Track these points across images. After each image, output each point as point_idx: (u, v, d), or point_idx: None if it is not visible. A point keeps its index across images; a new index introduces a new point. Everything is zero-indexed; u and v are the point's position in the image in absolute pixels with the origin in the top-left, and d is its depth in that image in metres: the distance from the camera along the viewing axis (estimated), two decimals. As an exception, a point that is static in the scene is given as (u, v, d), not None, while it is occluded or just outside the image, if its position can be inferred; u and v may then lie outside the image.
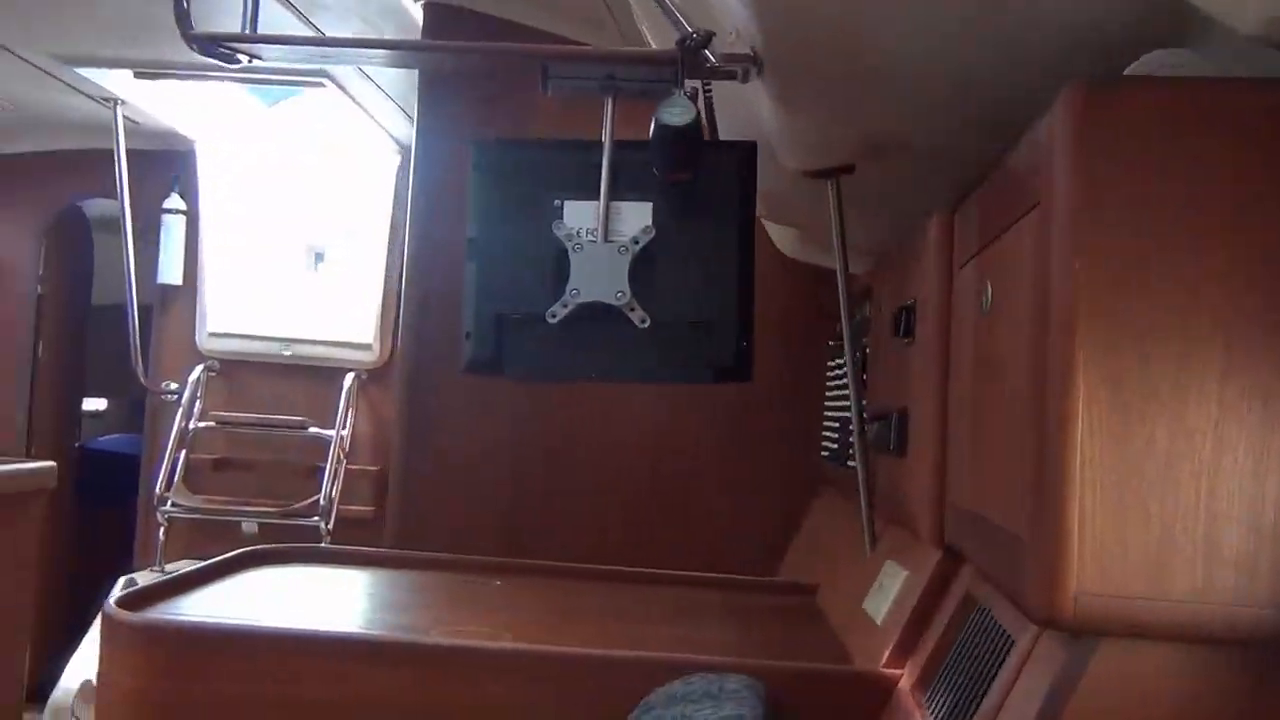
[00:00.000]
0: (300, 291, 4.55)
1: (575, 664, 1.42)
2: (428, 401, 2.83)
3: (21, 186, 4.67)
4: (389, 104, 3.88)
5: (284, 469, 4.52)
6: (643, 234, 1.56)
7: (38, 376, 4.78)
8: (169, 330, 4.65)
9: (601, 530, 2.76)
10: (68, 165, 4.69)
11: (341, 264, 4.58)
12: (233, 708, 1.51)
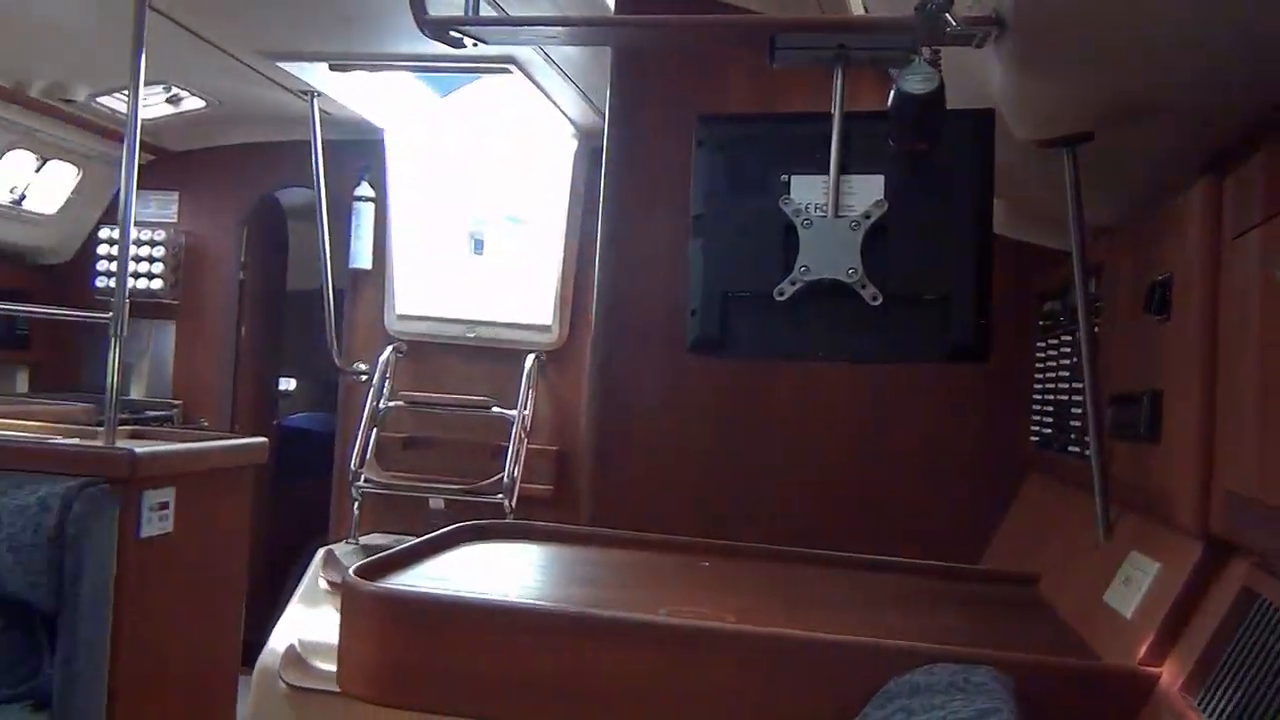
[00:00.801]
0: (481, 274, 4.66)
1: (813, 649, 1.39)
2: (621, 383, 2.84)
3: (226, 177, 4.94)
4: (570, 89, 3.92)
5: (468, 447, 4.65)
6: (874, 208, 1.51)
7: (240, 358, 5.05)
8: (359, 313, 4.84)
9: (795, 514, 2.71)
10: (267, 156, 4.93)
11: (521, 246, 4.66)
12: (465, 678, 1.55)
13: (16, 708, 2.50)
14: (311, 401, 6.76)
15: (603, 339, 2.89)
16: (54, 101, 4.15)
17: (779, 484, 2.72)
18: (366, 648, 1.60)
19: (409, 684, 1.58)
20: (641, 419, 2.83)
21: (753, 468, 2.73)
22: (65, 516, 2.53)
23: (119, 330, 2.80)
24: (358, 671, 1.62)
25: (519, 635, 1.51)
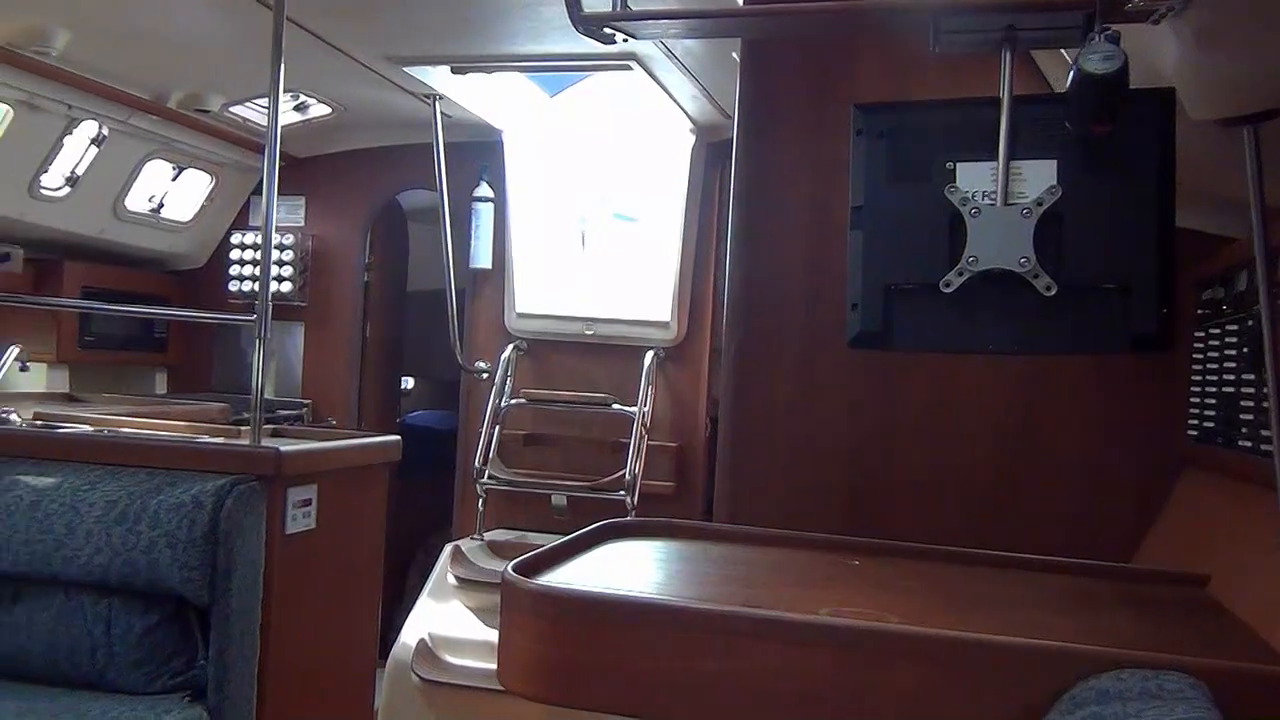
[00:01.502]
0: (598, 272, 4.67)
1: (994, 652, 1.34)
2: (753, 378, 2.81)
3: (351, 182, 5.06)
4: (690, 84, 3.89)
5: (588, 444, 4.67)
6: (1047, 194, 1.45)
7: (366, 357, 5.17)
8: (480, 313, 4.90)
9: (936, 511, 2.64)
10: (389, 160, 5.03)
11: (634, 243, 4.66)
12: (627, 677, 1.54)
13: (175, 698, 2.59)
14: (429, 399, 6.90)
15: (734, 334, 2.85)
16: (190, 112, 4.30)
17: (918, 481, 2.65)
18: (526, 645, 1.60)
19: (569, 682, 1.58)
20: (774, 415, 2.79)
21: (890, 464, 2.67)
22: (218, 513, 2.61)
23: (263, 332, 2.87)
24: (517, 668, 1.63)
25: (682, 634, 1.50)
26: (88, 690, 2.61)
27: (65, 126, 4.04)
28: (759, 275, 2.84)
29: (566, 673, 1.56)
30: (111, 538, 2.58)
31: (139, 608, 2.63)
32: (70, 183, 4.28)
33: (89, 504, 2.63)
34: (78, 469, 2.73)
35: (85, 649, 2.61)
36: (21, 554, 2.60)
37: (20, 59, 3.56)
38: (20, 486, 2.68)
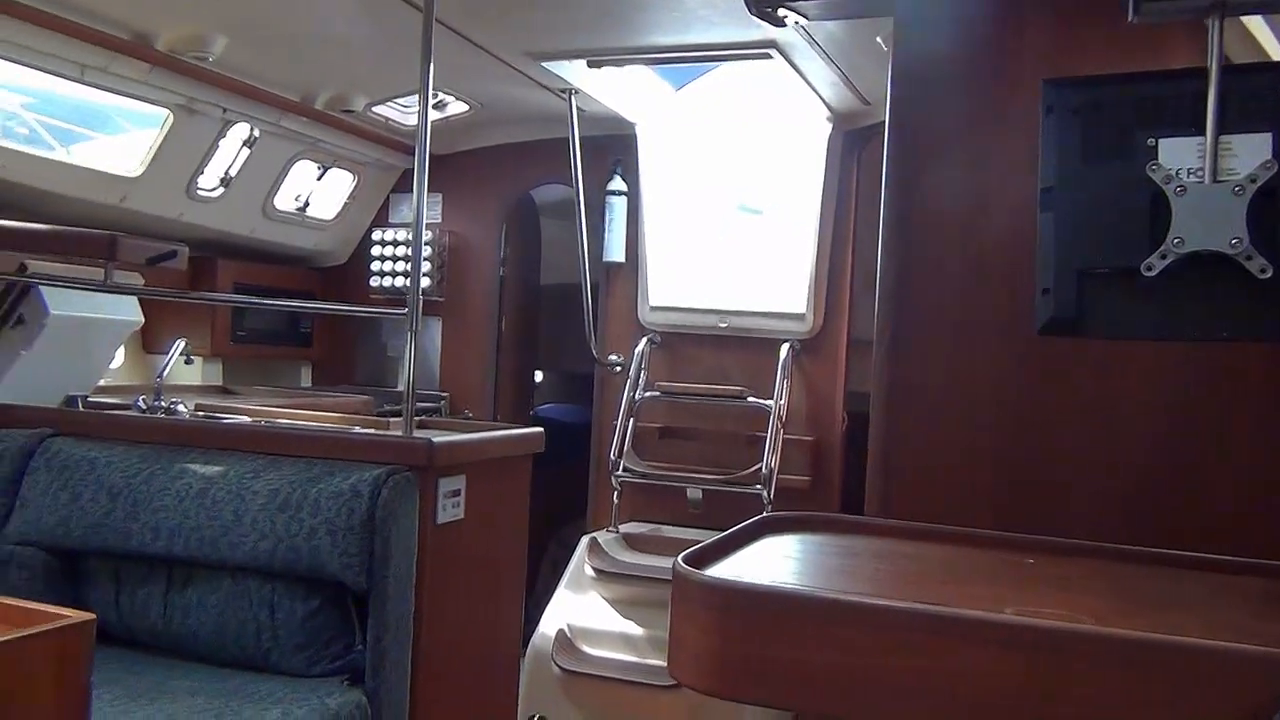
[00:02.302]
0: (732, 264, 4.63)
1: (1203, 657, 1.26)
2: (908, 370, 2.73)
3: (487, 177, 5.13)
4: (829, 71, 3.82)
5: (722, 438, 4.64)
6: (1261, 170, 1.36)
7: (501, 350, 5.24)
8: (613, 306, 4.92)
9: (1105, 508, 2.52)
10: (524, 156, 5.09)
11: (768, 234, 4.60)
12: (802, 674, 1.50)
13: (334, 681, 2.66)
14: (558, 392, 6.96)
15: (886, 325, 2.78)
16: (336, 113, 4.41)
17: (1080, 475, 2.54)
18: (698, 637, 1.58)
19: (740, 676, 1.56)
20: (928, 407, 2.71)
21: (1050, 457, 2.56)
22: (375, 502, 2.67)
23: (414, 326, 2.93)
24: (688, 661, 1.61)
25: (860, 631, 1.45)
26: (252, 671, 2.70)
27: (220, 129, 4.20)
28: (913, 264, 2.76)
29: (738, 666, 1.54)
30: (275, 525, 2.66)
31: (301, 593, 2.70)
32: (224, 184, 4.45)
33: (253, 492, 2.72)
34: (242, 458, 2.83)
35: (251, 632, 2.70)
36: (192, 539, 2.71)
37: (181, 64, 3.71)
38: (190, 474, 2.79)
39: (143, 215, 4.17)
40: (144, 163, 4.07)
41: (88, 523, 2.77)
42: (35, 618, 1.67)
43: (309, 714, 2.48)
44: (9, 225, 3.24)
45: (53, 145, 4.08)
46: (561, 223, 5.78)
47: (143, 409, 3.24)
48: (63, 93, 3.95)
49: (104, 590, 2.81)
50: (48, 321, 3.29)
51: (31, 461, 2.90)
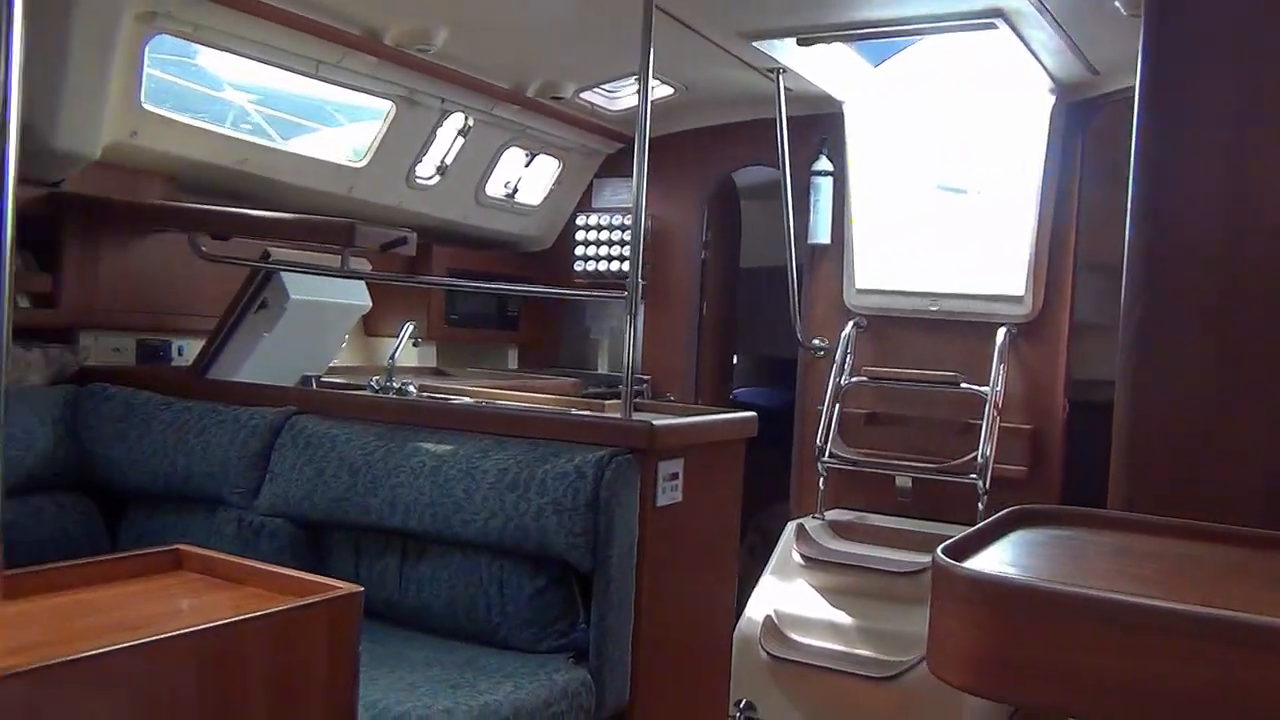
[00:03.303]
0: (944, 245, 4.47)
1: None
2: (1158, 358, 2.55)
3: (689, 161, 5.13)
4: (1057, 39, 3.62)
5: (932, 424, 4.50)
6: None
7: (703, 334, 5.24)
8: (818, 289, 4.83)
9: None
10: (727, 138, 5.06)
11: (984, 213, 4.41)
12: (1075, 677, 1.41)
13: (560, 659, 2.72)
14: (753, 376, 6.92)
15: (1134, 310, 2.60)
16: (546, 100, 4.50)
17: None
18: (960, 633, 1.52)
19: (1004, 674, 1.48)
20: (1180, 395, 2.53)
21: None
22: (599, 483, 2.70)
23: (633, 309, 2.94)
24: (949, 657, 1.54)
25: (1152, 638, 1.35)
26: (481, 645, 2.78)
27: (438, 119, 4.35)
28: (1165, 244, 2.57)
29: (1001, 665, 1.46)
30: (504, 503, 2.74)
31: (528, 570, 2.77)
32: (440, 172, 4.61)
33: (482, 471, 2.80)
34: (470, 438, 2.92)
35: (481, 607, 2.79)
36: (426, 515, 2.81)
37: (405, 57, 3.85)
38: (422, 453, 2.89)
39: (367, 204, 4.36)
40: (368, 154, 4.26)
41: (331, 497, 2.92)
42: (310, 588, 1.76)
43: (538, 689, 2.54)
44: (257, 214, 3.44)
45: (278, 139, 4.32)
46: (762, 205, 5.72)
47: (375, 389, 3.39)
48: (277, 88, 4.17)
49: (344, 561, 2.96)
50: (288, 306, 3.48)
51: (278, 438, 3.08)
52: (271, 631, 1.60)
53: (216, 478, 3.07)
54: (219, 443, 3.10)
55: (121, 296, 3.61)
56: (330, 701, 1.69)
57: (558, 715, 2.56)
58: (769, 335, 5.84)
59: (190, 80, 3.97)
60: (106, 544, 3.19)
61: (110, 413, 3.24)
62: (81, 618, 1.66)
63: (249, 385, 3.38)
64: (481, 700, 2.40)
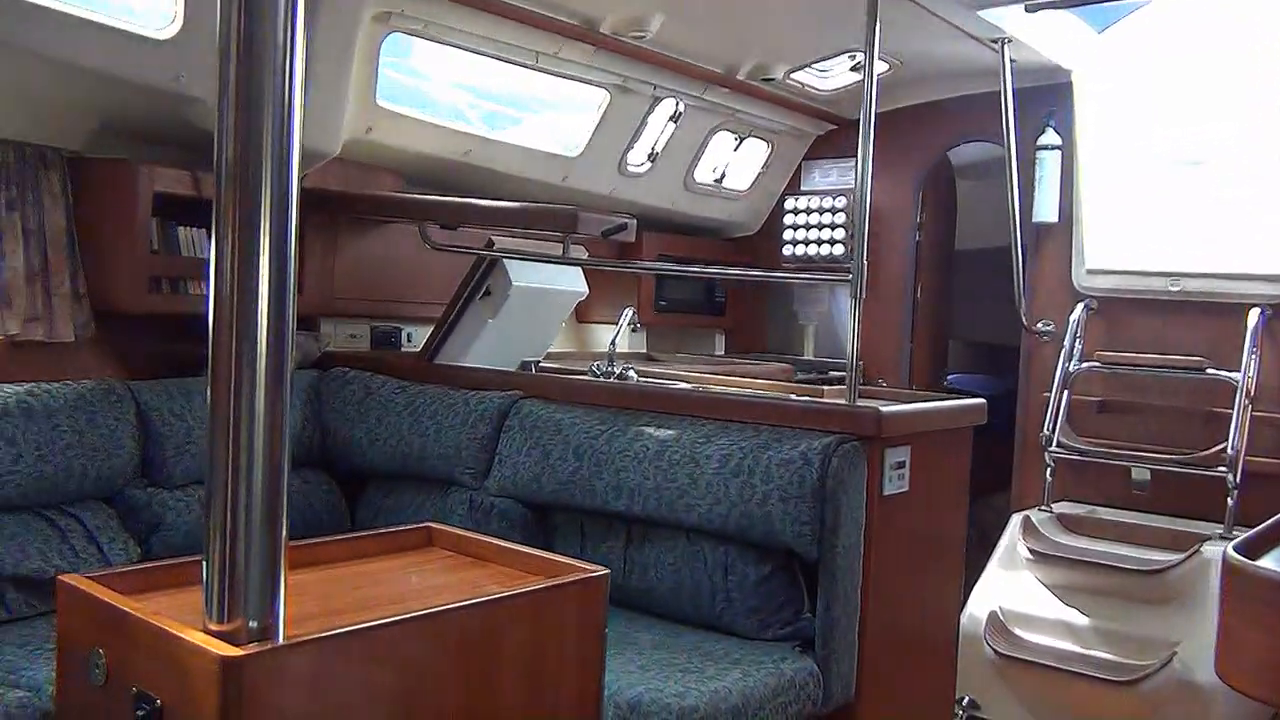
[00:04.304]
0: (1186, 221, 4.16)
1: None
2: None
3: (903, 139, 4.95)
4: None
5: (1172, 414, 4.20)
6: None
7: (916, 318, 5.08)
8: (1043, 270, 4.59)
9: None
10: (942, 115, 4.87)
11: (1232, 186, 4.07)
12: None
13: (785, 647, 2.68)
14: (964, 361, 6.66)
15: None
16: (756, 82, 4.44)
17: None
18: (1259, 640, 1.39)
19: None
20: None
21: None
22: (825, 470, 2.64)
23: (858, 292, 2.86)
24: (1243, 664, 1.42)
25: None
26: (705, 630, 2.78)
27: (650, 106, 4.37)
28: None
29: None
30: (729, 489, 2.72)
31: (753, 557, 2.74)
32: (651, 159, 4.63)
33: (706, 456, 2.79)
34: (692, 423, 2.92)
35: (706, 592, 2.78)
36: (650, 500, 2.83)
37: (620, 45, 3.88)
38: (645, 437, 2.91)
39: (580, 192, 4.43)
40: (582, 142, 4.33)
41: (557, 480, 2.98)
42: (556, 568, 1.79)
43: (766, 677, 2.51)
44: (485, 204, 3.55)
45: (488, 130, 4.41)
46: (977, 184, 5.49)
47: (597, 374, 3.44)
48: (482, 83, 4.25)
49: (570, 542, 3.01)
50: (511, 293, 3.57)
51: (506, 421, 3.17)
52: (526, 609, 1.63)
53: (449, 459, 3.19)
54: (450, 425, 3.22)
55: (357, 286, 3.80)
56: (580, 681, 1.71)
57: (784, 706, 2.53)
58: (984, 319, 5.59)
59: (405, 77, 4.12)
60: (346, 520, 3.37)
61: (351, 396, 3.42)
62: (350, 590, 1.74)
63: (475, 370, 3.49)
64: (711, 686, 2.39)
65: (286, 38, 1.32)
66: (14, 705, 2.13)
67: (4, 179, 2.93)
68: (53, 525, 2.77)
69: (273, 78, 1.32)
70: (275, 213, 1.33)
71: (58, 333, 3.04)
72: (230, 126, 1.33)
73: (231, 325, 1.32)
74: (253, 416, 1.32)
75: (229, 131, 1.33)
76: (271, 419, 1.33)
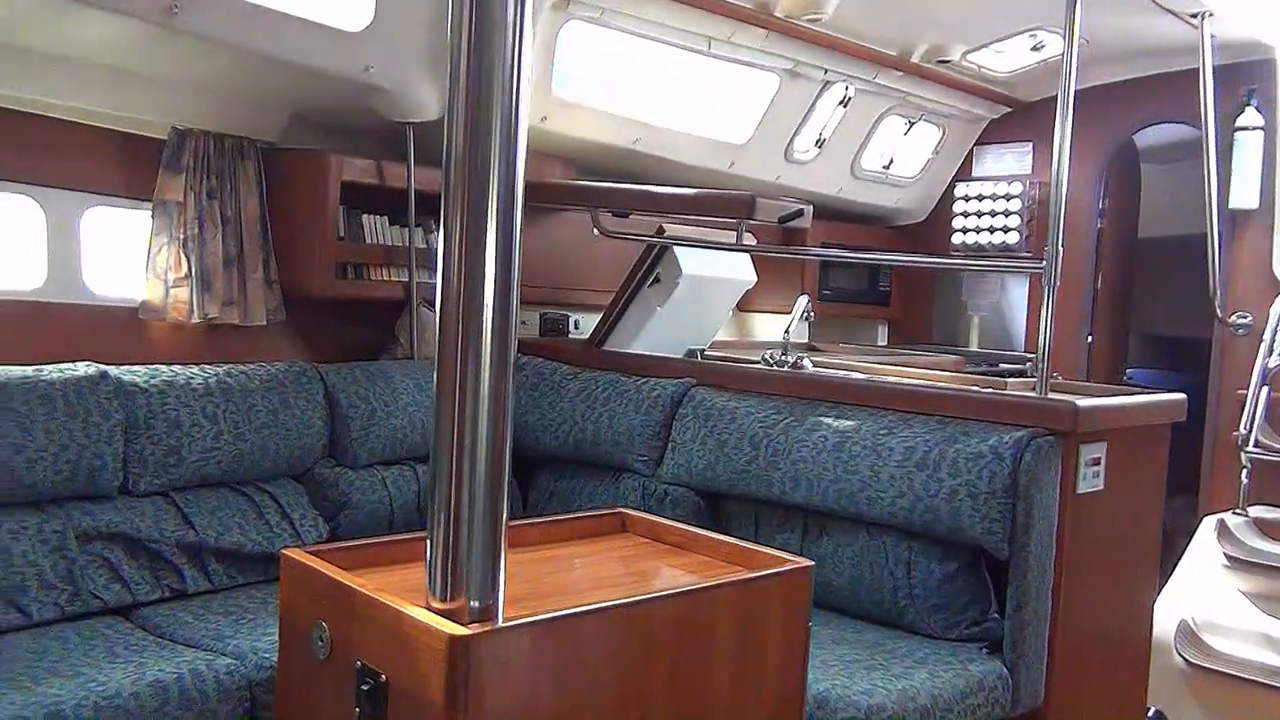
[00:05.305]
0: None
1: None
2: None
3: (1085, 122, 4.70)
4: None
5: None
6: None
7: (1096, 310, 4.84)
8: (1240, 259, 4.31)
9: None
10: (1129, 95, 4.62)
11: None
12: None
13: (972, 648, 2.59)
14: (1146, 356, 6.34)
15: None
16: (931, 64, 4.31)
17: None
18: None
19: None
20: None
21: None
22: (1017, 466, 2.54)
23: (1052, 280, 2.74)
24: None
25: None
26: (886, 627, 2.71)
27: (819, 91, 4.28)
28: None
29: None
30: (913, 483, 2.63)
31: (938, 554, 2.65)
32: (818, 145, 4.54)
33: (888, 449, 2.71)
34: (872, 414, 2.84)
35: (887, 588, 2.71)
36: (830, 491, 2.77)
37: (793, 29, 3.82)
38: (824, 428, 2.85)
39: (745, 179, 4.38)
40: (750, 129, 4.27)
41: (732, 469, 2.95)
42: (758, 559, 1.76)
43: (953, 679, 2.43)
44: (660, 190, 3.54)
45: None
46: (1164, 169, 5.20)
47: (770, 363, 3.39)
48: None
49: (744, 533, 2.96)
50: (681, 280, 3.55)
51: (679, 408, 3.16)
52: (733, 599, 1.61)
53: (622, 445, 3.19)
54: (623, 412, 3.22)
55: (528, 273, 3.81)
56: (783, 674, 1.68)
57: (974, 708, 2.44)
58: (1167, 311, 5.31)
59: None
60: (519, 505, 3.41)
61: (524, 381, 3.46)
62: (551, 573, 1.75)
63: (646, 357, 3.49)
64: (898, 685, 2.32)
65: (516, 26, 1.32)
66: (223, 672, 2.23)
67: (205, 169, 3.07)
68: (250, 501, 2.90)
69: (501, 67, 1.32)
70: (502, 201, 1.33)
71: (251, 316, 3.17)
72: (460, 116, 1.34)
73: (458, 311, 1.33)
74: (477, 401, 1.33)
75: (459, 123, 1.34)
76: (496, 404, 1.34)
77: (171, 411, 2.75)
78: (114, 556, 2.60)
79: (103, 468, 2.60)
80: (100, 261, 3.00)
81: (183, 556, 2.70)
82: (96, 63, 2.79)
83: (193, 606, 2.62)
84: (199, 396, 2.82)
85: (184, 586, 2.69)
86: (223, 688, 2.20)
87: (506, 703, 1.36)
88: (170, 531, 2.69)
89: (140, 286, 3.02)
